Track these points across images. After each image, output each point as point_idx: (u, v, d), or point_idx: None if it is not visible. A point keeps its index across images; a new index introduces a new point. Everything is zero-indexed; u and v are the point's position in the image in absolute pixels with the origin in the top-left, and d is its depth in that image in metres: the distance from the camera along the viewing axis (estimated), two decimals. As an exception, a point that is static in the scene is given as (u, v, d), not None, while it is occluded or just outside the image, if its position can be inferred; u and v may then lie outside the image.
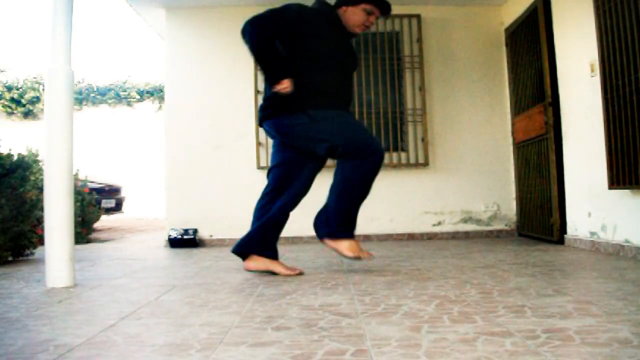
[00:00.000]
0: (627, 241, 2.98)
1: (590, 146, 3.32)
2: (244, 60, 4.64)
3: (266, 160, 4.53)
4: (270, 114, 2.67)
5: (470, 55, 4.75)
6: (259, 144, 4.55)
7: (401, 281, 2.32)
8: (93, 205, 6.06)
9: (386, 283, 2.28)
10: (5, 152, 3.55)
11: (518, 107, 4.41)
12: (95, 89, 10.88)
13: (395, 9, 4.63)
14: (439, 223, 4.62)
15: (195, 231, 4.45)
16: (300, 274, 2.63)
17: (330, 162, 2.82)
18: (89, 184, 6.31)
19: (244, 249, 2.67)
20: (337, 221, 2.61)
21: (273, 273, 2.62)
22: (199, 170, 4.58)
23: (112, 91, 10.87)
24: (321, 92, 2.63)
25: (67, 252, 2.39)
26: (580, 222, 3.51)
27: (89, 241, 5.39)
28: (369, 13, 2.76)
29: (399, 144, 4.65)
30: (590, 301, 1.78)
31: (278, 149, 2.80)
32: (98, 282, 2.54)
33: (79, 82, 10.83)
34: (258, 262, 2.65)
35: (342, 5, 2.76)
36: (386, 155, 4.56)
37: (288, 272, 2.61)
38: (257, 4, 4.63)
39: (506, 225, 4.66)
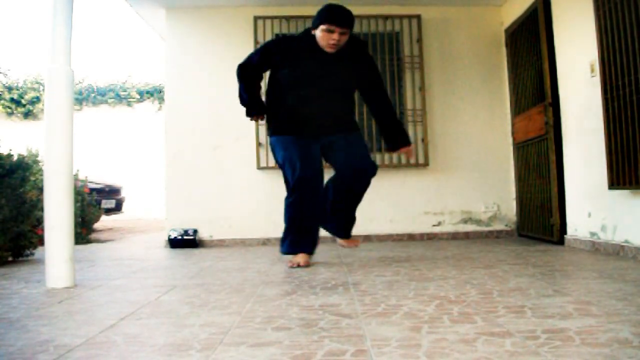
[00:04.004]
0: (627, 241, 2.98)
1: (590, 146, 3.32)
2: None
3: (266, 160, 4.53)
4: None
5: (470, 55, 4.75)
6: (259, 144, 4.55)
7: (401, 281, 2.32)
8: (93, 205, 6.06)
9: (386, 283, 2.28)
10: (5, 152, 3.55)
11: (518, 107, 4.41)
12: (95, 89, 10.88)
13: (395, 9, 4.69)
14: (439, 223, 4.62)
15: (195, 231, 4.45)
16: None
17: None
18: (89, 184, 6.31)
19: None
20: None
21: None
22: (199, 171, 4.58)
23: (112, 91, 10.87)
24: (281, 118, 2.99)
25: (67, 253, 2.39)
26: (580, 222, 3.51)
27: (89, 241, 5.39)
28: (330, 31, 2.88)
29: (399, 144, 4.64)
30: (590, 301, 1.78)
31: None
32: (98, 282, 2.54)
33: (79, 82, 10.83)
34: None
35: (312, 29, 2.97)
36: (386, 155, 4.59)
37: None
38: (257, 4, 4.64)
39: (506, 225, 4.66)
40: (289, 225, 2.95)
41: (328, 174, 3.06)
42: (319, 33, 2.90)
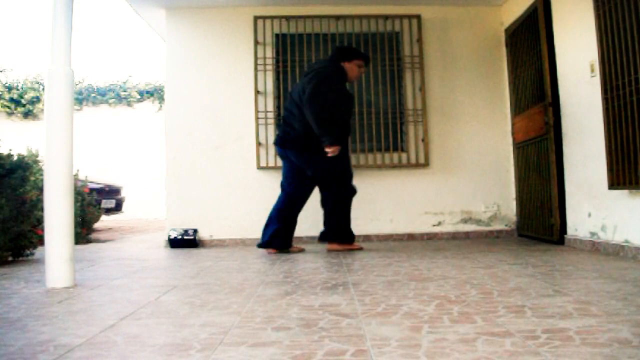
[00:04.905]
0: (627, 241, 2.98)
1: (590, 146, 3.32)
2: (244, 61, 4.65)
3: (266, 160, 4.53)
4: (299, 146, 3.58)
5: (470, 55, 4.75)
6: (259, 144, 4.55)
7: (401, 281, 2.32)
8: (93, 205, 6.06)
9: (386, 283, 2.28)
10: (5, 152, 3.55)
11: (518, 107, 4.41)
12: (95, 89, 10.88)
13: (395, 9, 4.70)
14: (439, 223, 4.62)
15: (195, 231, 4.45)
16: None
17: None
18: (89, 184, 6.31)
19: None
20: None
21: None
22: (199, 170, 4.58)
23: (112, 91, 10.86)
24: (342, 131, 3.58)
25: (67, 252, 2.39)
26: (580, 222, 3.51)
27: (89, 241, 5.39)
28: (360, 67, 3.70)
29: (399, 144, 4.64)
30: (590, 301, 1.78)
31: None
32: (98, 282, 2.54)
33: (79, 82, 10.82)
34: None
35: (341, 61, 3.61)
36: (386, 155, 4.59)
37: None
38: (257, 4, 4.64)
39: (506, 225, 4.66)
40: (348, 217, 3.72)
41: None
42: (352, 66, 3.63)
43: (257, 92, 4.58)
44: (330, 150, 3.42)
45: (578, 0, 3.37)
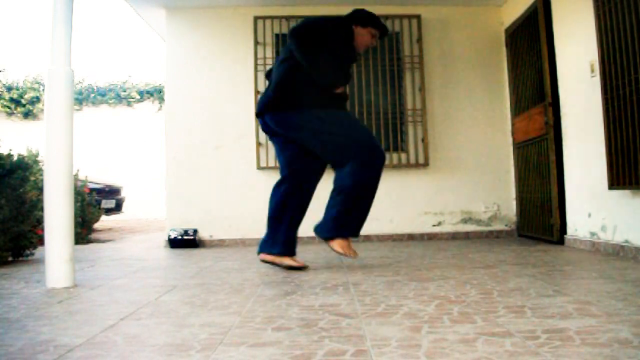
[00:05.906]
0: (627, 241, 2.98)
1: (590, 146, 3.32)
2: (244, 61, 4.65)
3: (266, 160, 4.53)
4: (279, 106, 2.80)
5: (470, 55, 4.75)
6: (259, 144, 4.55)
7: (401, 281, 2.32)
8: (93, 205, 6.06)
9: (386, 283, 2.28)
10: (5, 152, 3.55)
11: (518, 107, 4.41)
12: (95, 89, 10.87)
13: (395, 9, 4.69)
14: (439, 223, 4.62)
15: (195, 231, 4.45)
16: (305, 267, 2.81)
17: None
18: (89, 184, 6.31)
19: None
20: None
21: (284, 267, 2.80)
22: (199, 171, 4.58)
23: (112, 91, 10.86)
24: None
25: (67, 252, 2.39)
26: (580, 222, 3.51)
27: (89, 241, 5.39)
28: (374, 36, 3.04)
29: (399, 144, 4.65)
30: (590, 301, 1.78)
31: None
32: (98, 282, 2.54)
33: (79, 82, 10.82)
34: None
35: (354, 23, 2.96)
36: (386, 155, 4.58)
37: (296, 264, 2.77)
38: (257, 4, 4.64)
39: (506, 225, 4.66)
40: None
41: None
42: (364, 32, 2.96)
43: (257, 92, 4.57)
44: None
45: (578, 0, 3.37)
